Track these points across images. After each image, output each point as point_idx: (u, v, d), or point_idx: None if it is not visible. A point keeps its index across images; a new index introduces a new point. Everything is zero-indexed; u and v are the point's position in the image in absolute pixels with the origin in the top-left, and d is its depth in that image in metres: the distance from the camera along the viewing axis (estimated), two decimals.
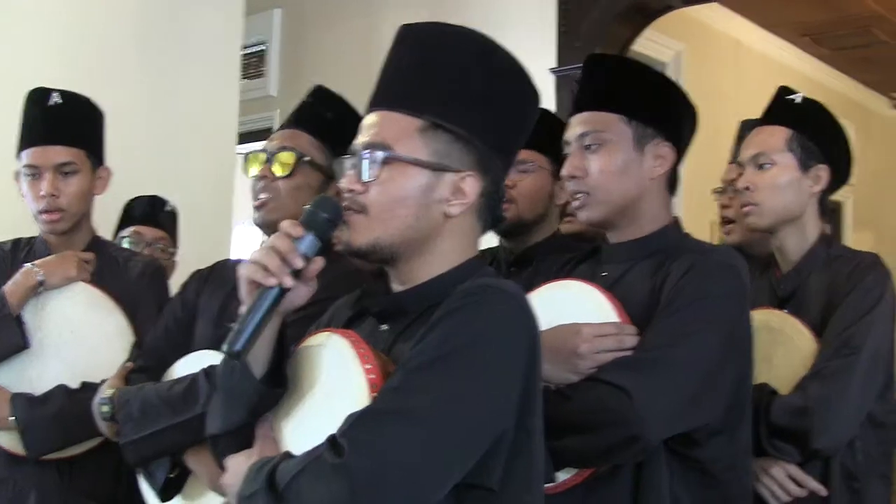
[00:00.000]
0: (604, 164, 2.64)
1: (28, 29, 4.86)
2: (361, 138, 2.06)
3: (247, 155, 2.93)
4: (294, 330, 2.15)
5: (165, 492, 2.79)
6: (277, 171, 2.87)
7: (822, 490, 2.95)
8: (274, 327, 2.01)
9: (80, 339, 3.30)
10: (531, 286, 2.69)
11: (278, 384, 2.04)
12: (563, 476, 2.46)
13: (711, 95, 7.72)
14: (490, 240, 3.38)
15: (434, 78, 2.06)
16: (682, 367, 2.41)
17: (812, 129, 3.16)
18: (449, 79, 2.05)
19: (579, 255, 2.89)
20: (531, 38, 6.08)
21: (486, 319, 1.89)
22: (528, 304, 1.98)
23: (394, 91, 2.09)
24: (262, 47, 7.79)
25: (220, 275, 3.05)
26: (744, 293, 2.56)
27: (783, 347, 3.00)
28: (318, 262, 1.99)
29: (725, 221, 3.77)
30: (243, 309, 1.96)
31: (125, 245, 4.41)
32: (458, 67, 2.06)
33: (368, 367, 1.92)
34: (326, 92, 3.10)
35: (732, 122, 3.93)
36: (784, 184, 3.11)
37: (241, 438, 2.05)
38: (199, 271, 3.19)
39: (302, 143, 2.93)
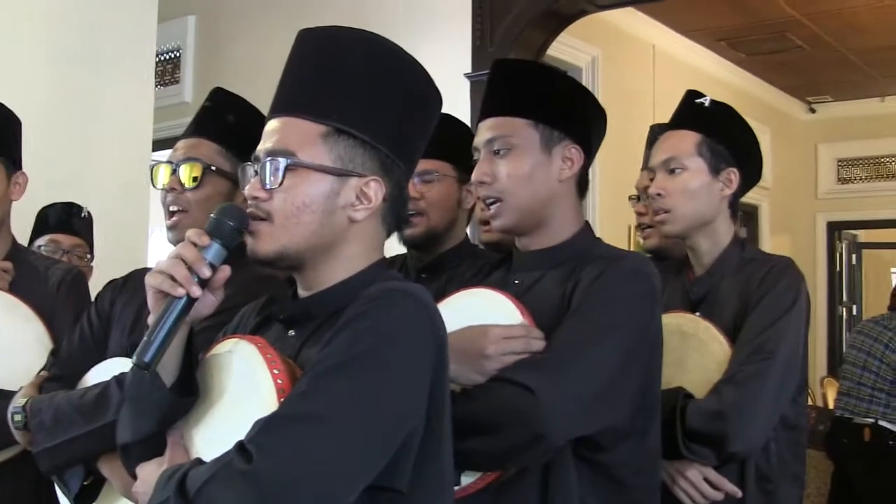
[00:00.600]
0: (512, 168, 2.64)
1: None
2: (264, 145, 2.06)
3: (152, 167, 2.90)
4: (202, 337, 2.14)
5: (80, 500, 2.76)
6: (185, 182, 2.85)
7: (737, 492, 2.96)
8: (182, 336, 2.01)
9: None
10: (443, 294, 2.70)
11: (188, 393, 2.03)
12: (467, 480, 2.46)
13: (628, 100, 7.80)
14: (398, 247, 3.38)
15: (335, 83, 2.05)
16: (588, 368, 2.41)
17: (721, 133, 3.17)
18: (350, 83, 2.05)
19: (492, 262, 2.90)
20: (447, 43, 6.11)
21: (392, 322, 1.90)
22: (433, 307, 2.00)
23: (295, 97, 2.09)
24: (177, 53, 7.74)
25: (135, 284, 3.02)
26: (654, 298, 2.57)
27: (697, 352, 3.01)
28: (225, 271, 1.99)
29: (642, 227, 3.79)
30: (151, 319, 1.95)
31: (43, 253, 4.35)
32: (358, 72, 2.06)
33: (276, 372, 1.92)
34: (225, 94, 3.07)
35: (648, 127, 3.96)
36: (695, 188, 3.13)
37: (151, 447, 2.05)
38: (113, 281, 3.17)
39: (206, 151, 2.90)
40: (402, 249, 3.48)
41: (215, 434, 1.99)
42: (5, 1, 5.10)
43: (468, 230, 3.55)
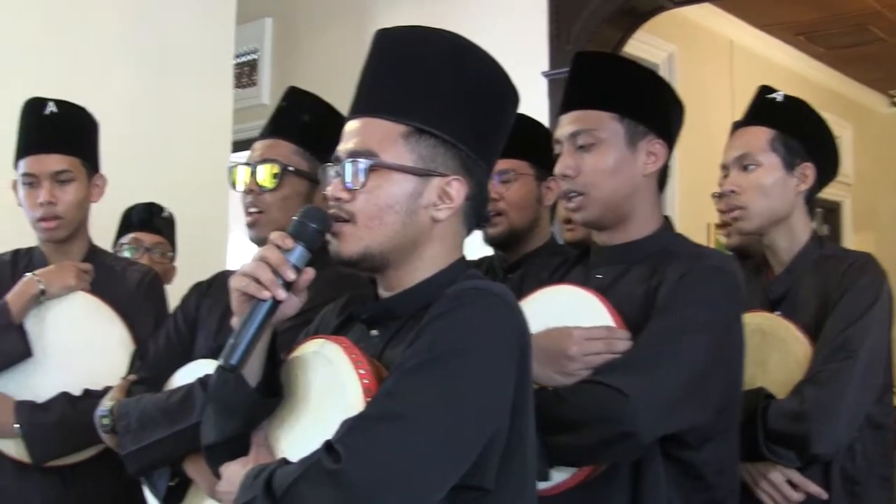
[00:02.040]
0: (597, 162, 2.63)
1: (20, 40, 4.86)
2: (345, 145, 2.06)
3: (231, 168, 2.92)
4: (286, 338, 2.15)
5: (168, 500, 2.80)
6: (263, 184, 2.87)
7: (822, 493, 2.93)
8: (266, 337, 2.02)
9: (80, 347, 3.33)
10: (520, 291, 2.69)
11: (272, 393, 2.04)
12: (559, 477, 2.47)
13: (704, 96, 7.73)
14: (484, 249, 3.39)
15: (415, 82, 2.05)
16: (676, 366, 2.41)
17: (795, 128, 3.14)
18: (429, 83, 2.05)
19: (571, 258, 2.88)
20: (523, 41, 6.08)
21: (476, 320, 1.89)
22: (516, 305, 1.99)
23: (375, 97, 2.08)
24: (254, 56, 7.78)
25: (220, 286, 3.03)
26: (737, 298, 2.57)
27: (777, 351, 2.98)
28: (309, 273, 1.99)
29: (725, 224, 3.75)
30: (235, 321, 1.96)
31: (125, 252, 4.46)
32: (437, 71, 2.06)
33: (362, 372, 1.93)
34: (300, 93, 3.08)
35: (726, 123, 3.92)
36: (769, 184, 3.09)
37: (236, 447, 2.06)
38: (199, 283, 3.20)
39: (284, 152, 2.92)
40: (489, 250, 3.48)
41: (300, 434, 2.00)
42: (86, 6, 5.16)
43: (553, 229, 3.54)
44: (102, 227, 3.66)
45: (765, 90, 3.22)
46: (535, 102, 5.59)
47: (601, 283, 2.66)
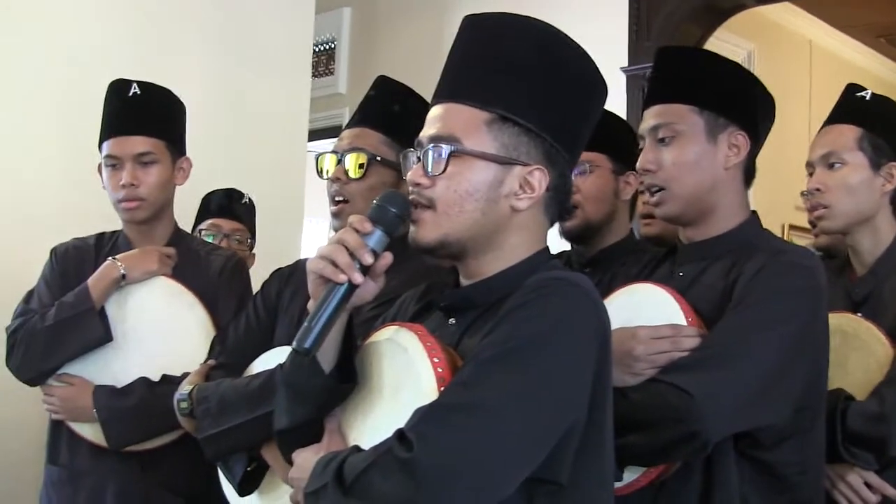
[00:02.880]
0: (677, 155, 2.62)
1: (99, 25, 4.92)
2: (427, 131, 2.05)
3: (317, 156, 2.92)
4: (368, 325, 2.14)
5: (244, 486, 2.80)
6: (350, 172, 2.87)
7: None
8: (341, 322, 2.01)
9: (161, 332, 3.36)
10: (609, 290, 2.69)
11: (347, 379, 2.04)
12: (630, 476, 2.46)
13: (784, 96, 7.60)
14: (562, 244, 3.37)
15: (501, 70, 2.04)
16: (745, 365, 2.38)
17: (882, 127, 3.10)
18: (516, 71, 2.03)
19: (658, 257, 2.87)
20: (602, 36, 6.05)
21: (556, 311, 1.88)
22: (597, 296, 1.97)
23: (460, 83, 2.07)
24: (332, 45, 7.81)
25: (302, 274, 3.03)
26: (818, 293, 2.52)
27: (858, 352, 2.95)
28: (387, 258, 1.98)
29: (813, 225, 3.72)
30: (311, 305, 1.96)
31: (204, 237, 4.46)
32: (524, 59, 2.04)
33: (436, 360, 1.92)
34: (390, 83, 3.08)
35: (804, 124, 3.89)
36: (855, 183, 3.07)
37: (308, 433, 2.06)
38: (279, 269, 3.20)
39: (372, 141, 2.92)
40: (566, 245, 3.47)
41: (373, 422, 2.00)
42: None
43: (633, 225, 3.52)
44: (180, 213, 3.67)
45: (853, 88, 3.20)
46: (613, 98, 5.56)
47: (683, 280, 2.65)
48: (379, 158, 2.88)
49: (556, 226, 3.17)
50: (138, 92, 3.46)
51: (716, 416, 2.33)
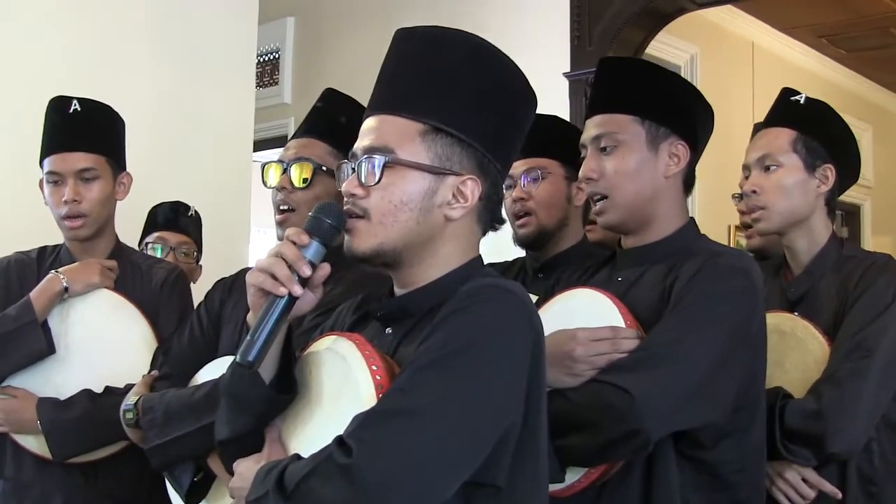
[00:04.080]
0: (618, 164, 2.66)
1: (42, 38, 4.89)
2: (362, 142, 2.07)
3: (263, 165, 2.93)
4: (308, 336, 2.15)
5: (191, 496, 2.80)
6: (296, 182, 2.89)
7: (836, 493, 2.94)
8: (281, 333, 2.03)
9: (104, 344, 3.36)
10: (551, 295, 2.72)
11: (286, 390, 2.05)
12: (572, 478, 2.48)
13: (727, 98, 7.73)
14: (516, 251, 3.39)
15: (433, 82, 2.06)
16: (683, 364, 2.41)
17: (817, 129, 3.14)
18: (448, 82, 2.05)
19: (598, 262, 2.90)
20: (544, 42, 6.10)
21: (490, 317, 1.90)
22: (530, 302, 2.00)
23: (393, 95, 2.09)
24: (276, 55, 7.81)
25: (244, 284, 3.06)
26: (754, 294, 2.56)
27: (795, 351, 2.99)
28: (325, 269, 2.00)
29: (746, 226, 3.76)
30: (251, 317, 1.98)
31: (150, 251, 4.46)
32: (456, 71, 2.06)
33: (374, 368, 1.93)
34: (337, 95, 3.10)
35: (747, 126, 3.93)
36: (790, 185, 3.10)
37: (249, 443, 2.07)
38: (222, 279, 3.21)
39: (317, 151, 2.94)
40: (521, 252, 3.49)
41: (313, 430, 2.01)
42: (108, 5, 5.18)
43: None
44: (123, 226, 3.68)
45: (788, 92, 3.24)
46: (556, 103, 5.60)
47: (621, 285, 2.68)
48: (324, 168, 2.89)
49: (511, 233, 3.23)
50: (78, 108, 3.46)
51: (656, 414, 2.36)
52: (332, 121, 3.00)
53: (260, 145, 6.33)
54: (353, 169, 2.06)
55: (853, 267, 3.06)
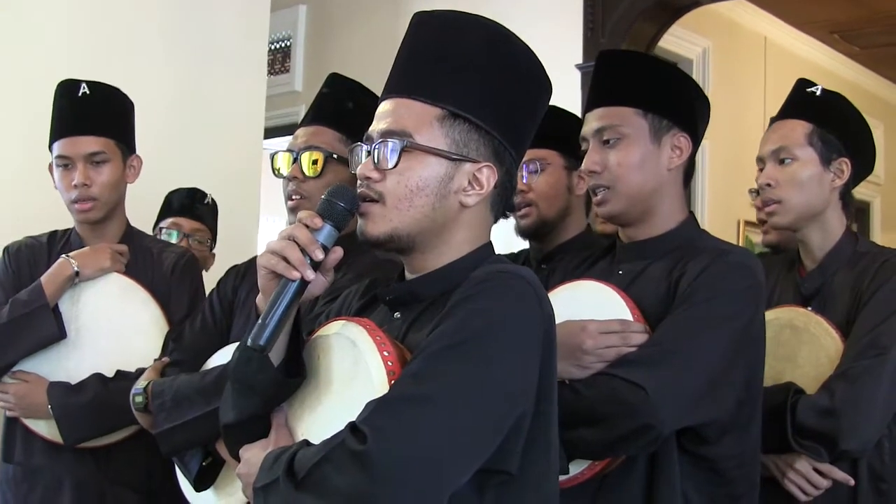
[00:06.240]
0: (622, 157, 2.65)
1: (55, 24, 4.89)
2: (378, 125, 2.04)
3: (272, 155, 2.92)
4: (317, 321, 2.14)
5: (200, 481, 2.81)
6: (307, 171, 2.87)
7: (849, 480, 2.92)
8: (290, 317, 2.00)
9: (114, 328, 3.37)
10: (546, 285, 2.70)
11: (294, 374, 2.04)
12: (574, 470, 2.48)
13: (739, 92, 7.71)
14: (520, 242, 3.38)
15: (453, 67, 2.04)
16: (695, 360, 2.42)
17: (833, 122, 3.12)
18: (465, 68, 2.04)
19: (596, 253, 2.90)
20: (557, 33, 6.09)
21: (502, 304, 1.88)
22: (541, 289, 1.98)
23: (411, 78, 2.07)
24: (288, 42, 7.81)
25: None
26: (759, 292, 2.57)
27: (808, 346, 2.97)
28: (337, 253, 1.98)
29: (762, 222, 3.74)
30: (260, 300, 1.97)
31: (165, 236, 4.47)
32: (474, 57, 2.04)
33: (386, 353, 1.91)
34: (342, 80, 3.09)
35: (759, 120, 3.92)
36: (805, 178, 3.08)
37: (255, 428, 2.06)
38: (235, 266, 3.21)
39: (327, 139, 2.92)
40: (525, 244, 3.48)
41: (322, 416, 1.99)
42: None
43: (590, 219, 3.54)
44: (133, 212, 3.67)
45: (803, 83, 3.21)
46: (568, 95, 5.59)
47: (623, 278, 2.68)
48: (335, 156, 2.88)
49: (514, 223, 3.22)
50: (87, 92, 3.46)
51: (669, 410, 2.36)
52: (340, 106, 2.99)
53: (271, 133, 6.32)
54: (369, 152, 2.04)
55: (867, 263, 3.04)
